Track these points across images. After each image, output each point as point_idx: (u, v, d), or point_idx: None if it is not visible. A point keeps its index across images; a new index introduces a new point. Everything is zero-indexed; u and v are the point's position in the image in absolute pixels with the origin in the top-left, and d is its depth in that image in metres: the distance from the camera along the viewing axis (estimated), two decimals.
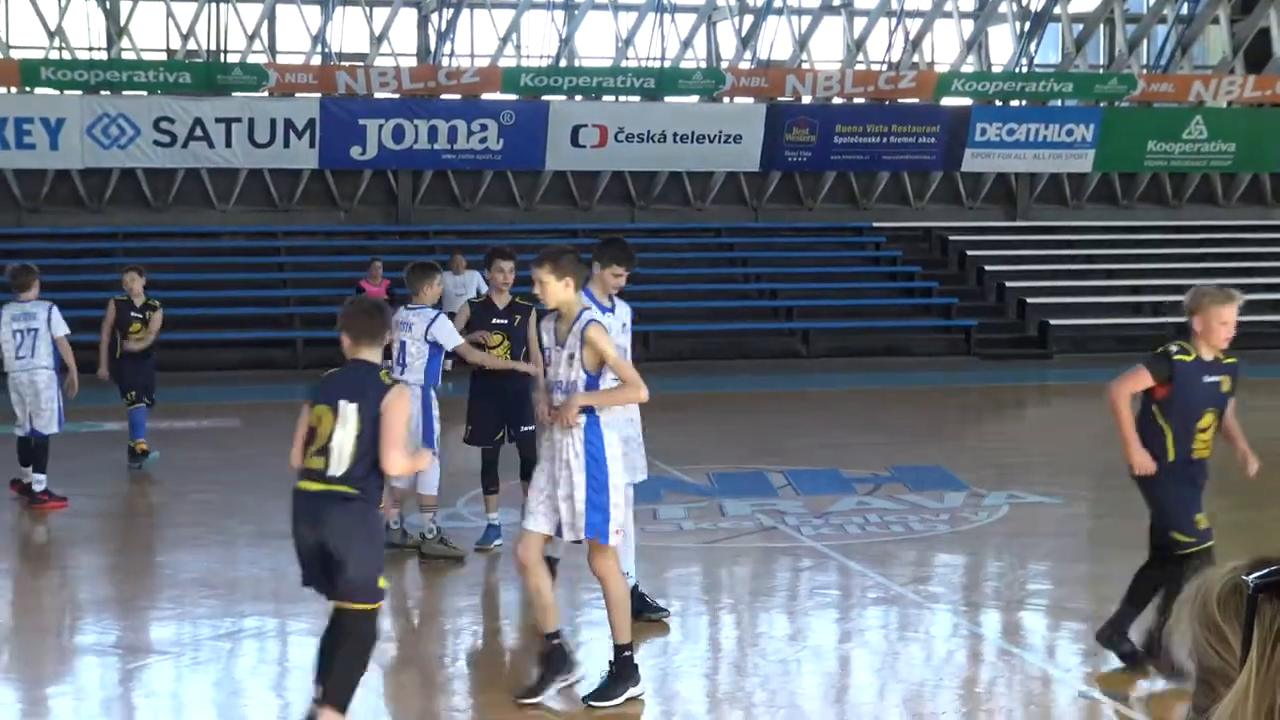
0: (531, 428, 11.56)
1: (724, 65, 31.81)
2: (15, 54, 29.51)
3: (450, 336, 11.52)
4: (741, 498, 14.32)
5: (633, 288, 30.19)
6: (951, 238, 32.24)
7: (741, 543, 12.58)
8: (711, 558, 12.15)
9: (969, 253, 31.84)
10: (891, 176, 32.53)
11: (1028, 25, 33.04)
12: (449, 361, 12.93)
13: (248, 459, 17.05)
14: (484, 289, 25.64)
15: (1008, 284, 31.04)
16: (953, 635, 10.03)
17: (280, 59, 30.74)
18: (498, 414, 11.77)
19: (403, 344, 11.53)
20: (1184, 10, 33.53)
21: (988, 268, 31.39)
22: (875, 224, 32.25)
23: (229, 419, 20.57)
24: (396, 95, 29.85)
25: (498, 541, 11.91)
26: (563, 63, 30.97)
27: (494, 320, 11.83)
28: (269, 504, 14.25)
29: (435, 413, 11.59)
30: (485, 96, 30.37)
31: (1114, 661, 8.81)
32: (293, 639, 9.85)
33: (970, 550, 12.52)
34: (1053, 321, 29.85)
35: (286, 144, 29.20)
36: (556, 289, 7.92)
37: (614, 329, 9.01)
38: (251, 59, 30.12)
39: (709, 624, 10.43)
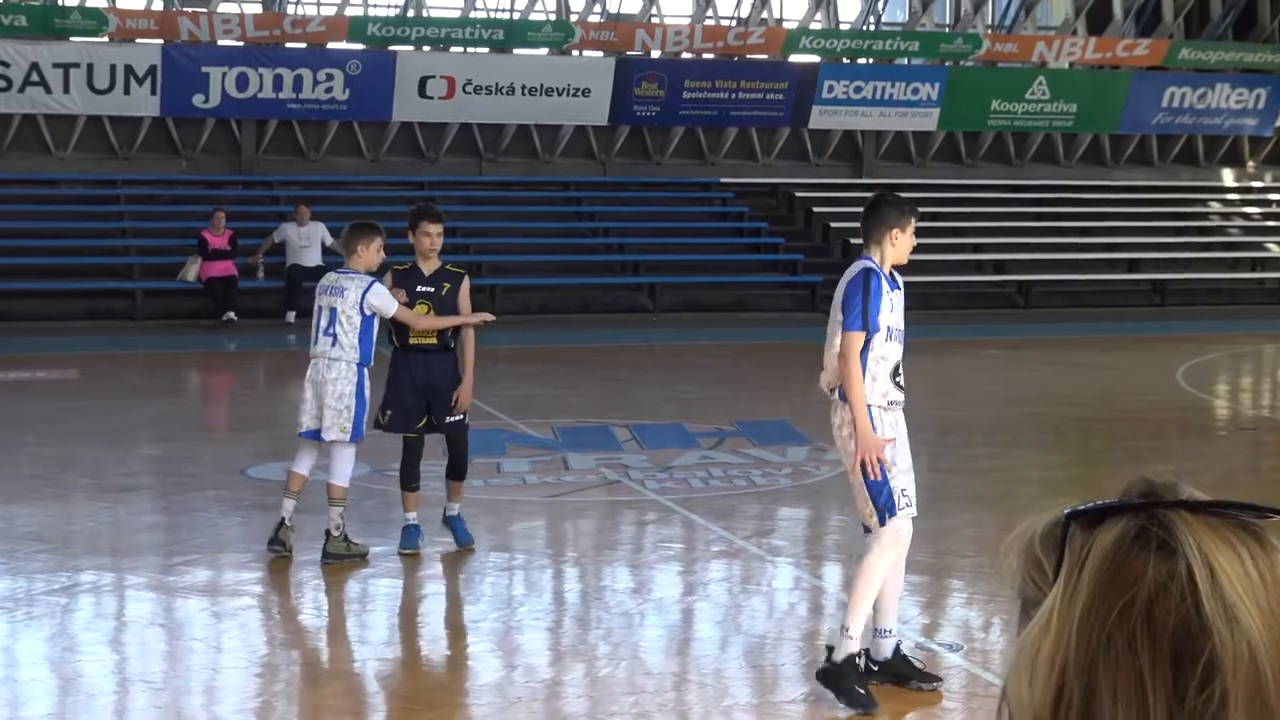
0: (460, 416, 10.60)
1: (573, 18, 31.68)
2: None
3: (388, 302, 10.27)
4: (586, 451, 14.33)
5: (480, 240, 30.00)
6: (798, 194, 32.42)
7: (585, 496, 12.59)
8: (555, 511, 12.15)
9: (815, 209, 32.04)
10: (739, 133, 32.61)
11: None
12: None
13: (85, 411, 16.76)
14: (329, 240, 25.48)
15: (853, 240, 31.26)
16: (795, 588, 10.13)
17: (120, 4, 30.08)
18: (420, 396, 10.51)
19: (332, 311, 10.31)
20: None
21: (833, 224, 31.61)
22: (723, 180, 32.33)
23: (66, 370, 20.18)
24: (240, 43, 29.38)
25: (422, 542, 10.62)
26: (410, 13, 30.67)
27: (419, 288, 10.49)
28: (107, 456, 14.06)
29: (367, 395, 10.41)
30: (331, 46, 30.00)
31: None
32: (130, 593, 9.71)
33: (812, 504, 12.64)
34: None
35: (127, 91, 28.63)
36: None
37: (898, 306, 7.84)
38: (91, 3, 29.47)
39: (552, 577, 10.44)
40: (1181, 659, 1.08)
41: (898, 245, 7.79)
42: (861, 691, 7.45)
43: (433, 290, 10.49)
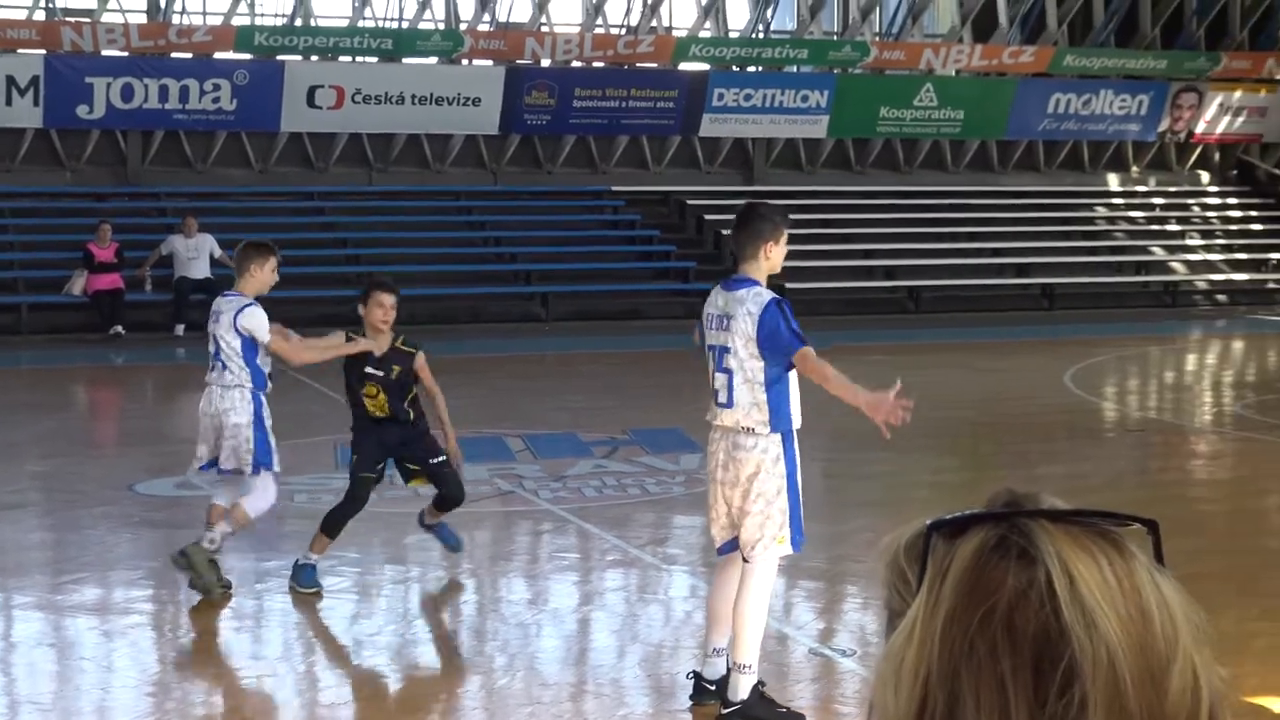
0: (442, 458, 9.96)
1: (463, 27, 31.62)
2: None
3: (261, 326, 9.68)
4: (479, 462, 14.26)
5: (370, 251, 29.79)
6: (689, 202, 32.52)
7: (479, 508, 12.55)
8: (450, 522, 12.07)
9: (706, 217, 32.15)
10: (630, 141, 32.67)
11: None
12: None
13: None
14: (217, 252, 25.29)
15: None
16: (690, 596, 10.14)
17: (1, 13, 29.73)
18: (382, 446, 9.93)
19: (217, 338, 9.80)
20: None
21: (724, 232, 31.69)
22: (614, 188, 32.37)
23: None
24: (125, 53, 29.07)
25: (315, 589, 9.78)
26: (298, 22, 30.48)
27: (367, 369, 9.78)
28: None
29: (268, 423, 9.81)
30: (218, 55, 29.75)
31: None
32: (17, 613, 9.57)
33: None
34: (787, 285, 30.26)
35: (8, 102, 28.25)
36: None
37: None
38: None
39: (448, 589, 10.40)
40: (1042, 665, 1.10)
41: (772, 258, 7.54)
42: (783, 710, 7.34)
43: (382, 375, 9.77)
